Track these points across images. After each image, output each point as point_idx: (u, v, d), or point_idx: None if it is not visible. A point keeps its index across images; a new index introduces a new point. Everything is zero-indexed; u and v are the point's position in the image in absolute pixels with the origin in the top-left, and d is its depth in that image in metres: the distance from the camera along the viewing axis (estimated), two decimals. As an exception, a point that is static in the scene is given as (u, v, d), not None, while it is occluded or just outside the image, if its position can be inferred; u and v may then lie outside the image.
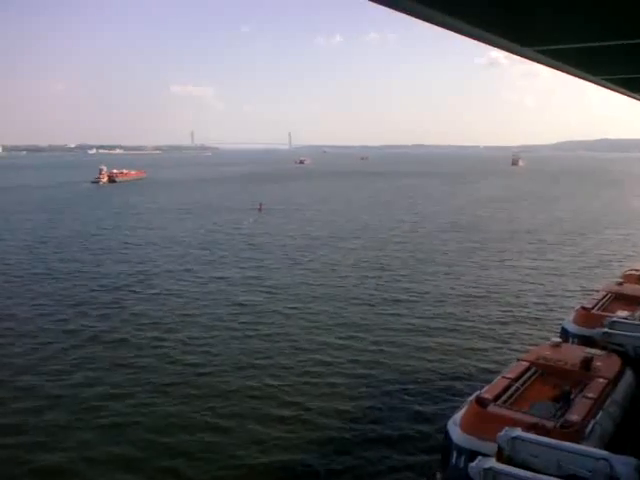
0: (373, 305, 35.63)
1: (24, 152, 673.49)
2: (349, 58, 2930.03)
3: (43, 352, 27.28)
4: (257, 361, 26.54)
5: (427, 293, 38.39)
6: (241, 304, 35.78)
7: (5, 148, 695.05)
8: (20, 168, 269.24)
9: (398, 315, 33.59)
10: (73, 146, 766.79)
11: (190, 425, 20.66)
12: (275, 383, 24.15)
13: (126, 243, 57.65)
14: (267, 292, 38.66)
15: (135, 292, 38.29)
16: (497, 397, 15.04)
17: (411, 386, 23.90)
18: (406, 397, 22.93)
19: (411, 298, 37.17)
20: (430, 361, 26.56)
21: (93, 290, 38.56)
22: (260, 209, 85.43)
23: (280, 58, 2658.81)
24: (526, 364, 17.23)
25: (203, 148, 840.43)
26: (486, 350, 28.02)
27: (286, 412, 21.67)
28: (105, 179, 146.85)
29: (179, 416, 21.27)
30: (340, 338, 29.68)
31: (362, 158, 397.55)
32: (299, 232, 65.08)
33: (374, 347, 28.35)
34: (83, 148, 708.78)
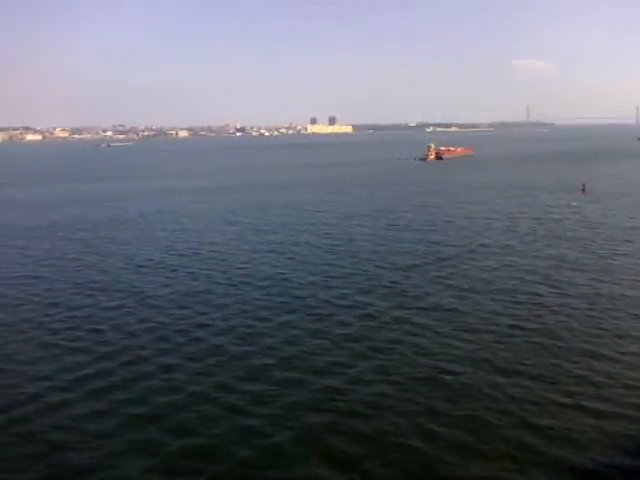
0: None
1: (370, 131, 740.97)
2: None
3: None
4: None
5: None
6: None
7: (355, 127, 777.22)
8: (358, 145, 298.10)
9: None
10: (413, 125, 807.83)
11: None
12: None
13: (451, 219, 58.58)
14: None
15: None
16: None
17: None
18: None
19: None
20: None
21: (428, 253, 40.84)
22: (584, 190, 78.00)
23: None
24: None
25: (538, 124, 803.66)
26: None
27: None
28: (432, 156, 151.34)
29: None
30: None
31: None
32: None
33: None
34: (421, 126, 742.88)
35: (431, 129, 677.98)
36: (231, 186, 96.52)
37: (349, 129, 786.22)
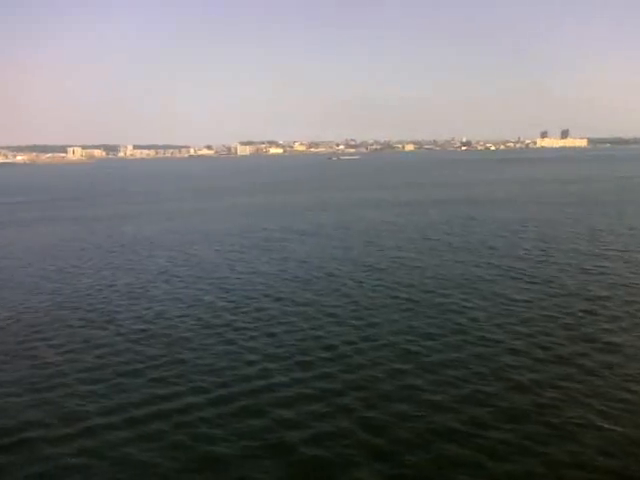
0: None
1: (608, 145, 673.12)
2: None
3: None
4: None
5: None
6: None
7: (590, 141, 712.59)
8: (603, 159, 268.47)
9: None
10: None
11: None
12: None
13: None
14: None
15: None
16: None
17: None
18: None
19: None
20: None
21: None
22: None
23: None
24: None
25: None
26: None
27: None
28: None
29: None
30: None
31: None
32: None
33: None
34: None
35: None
36: (449, 199, 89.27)
37: (583, 143, 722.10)
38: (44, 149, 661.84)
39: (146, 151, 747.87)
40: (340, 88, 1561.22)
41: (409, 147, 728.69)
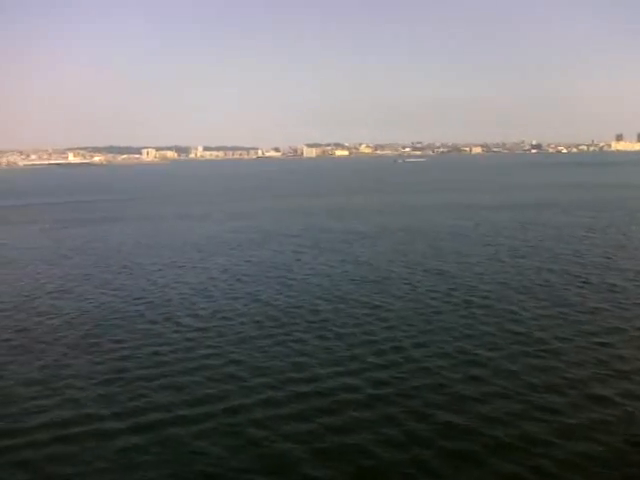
0: None
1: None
2: None
3: None
4: None
5: None
6: None
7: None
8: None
9: None
10: None
11: None
12: None
13: None
14: None
15: None
16: None
17: None
18: None
19: None
20: None
21: None
22: None
23: None
24: None
25: None
26: None
27: None
28: None
29: None
30: None
31: None
32: None
33: None
34: None
35: None
36: (523, 203, 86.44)
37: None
38: (120, 150, 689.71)
39: (215, 152, 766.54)
40: (407, 89, 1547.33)
41: (476, 150, 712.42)
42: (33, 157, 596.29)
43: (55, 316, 31.71)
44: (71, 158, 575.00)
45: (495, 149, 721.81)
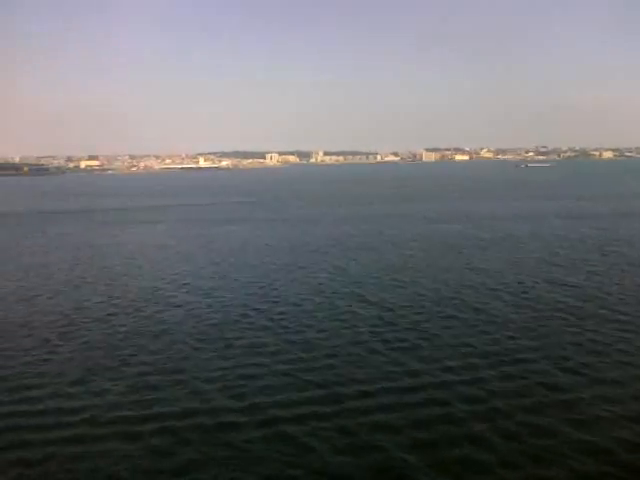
0: None
1: None
2: None
3: None
4: None
5: None
6: None
7: None
8: None
9: None
10: None
11: None
12: None
13: None
14: None
15: None
16: None
17: None
18: None
19: None
20: None
21: None
22: None
23: None
24: None
25: None
26: None
27: None
28: None
29: None
30: None
31: None
32: None
33: None
34: None
35: None
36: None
37: None
38: (245, 155, 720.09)
39: (335, 157, 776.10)
40: (530, 92, 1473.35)
41: (607, 154, 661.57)
42: (168, 161, 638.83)
43: (185, 310, 34.57)
44: (201, 162, 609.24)
45: (628, 153, 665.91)
